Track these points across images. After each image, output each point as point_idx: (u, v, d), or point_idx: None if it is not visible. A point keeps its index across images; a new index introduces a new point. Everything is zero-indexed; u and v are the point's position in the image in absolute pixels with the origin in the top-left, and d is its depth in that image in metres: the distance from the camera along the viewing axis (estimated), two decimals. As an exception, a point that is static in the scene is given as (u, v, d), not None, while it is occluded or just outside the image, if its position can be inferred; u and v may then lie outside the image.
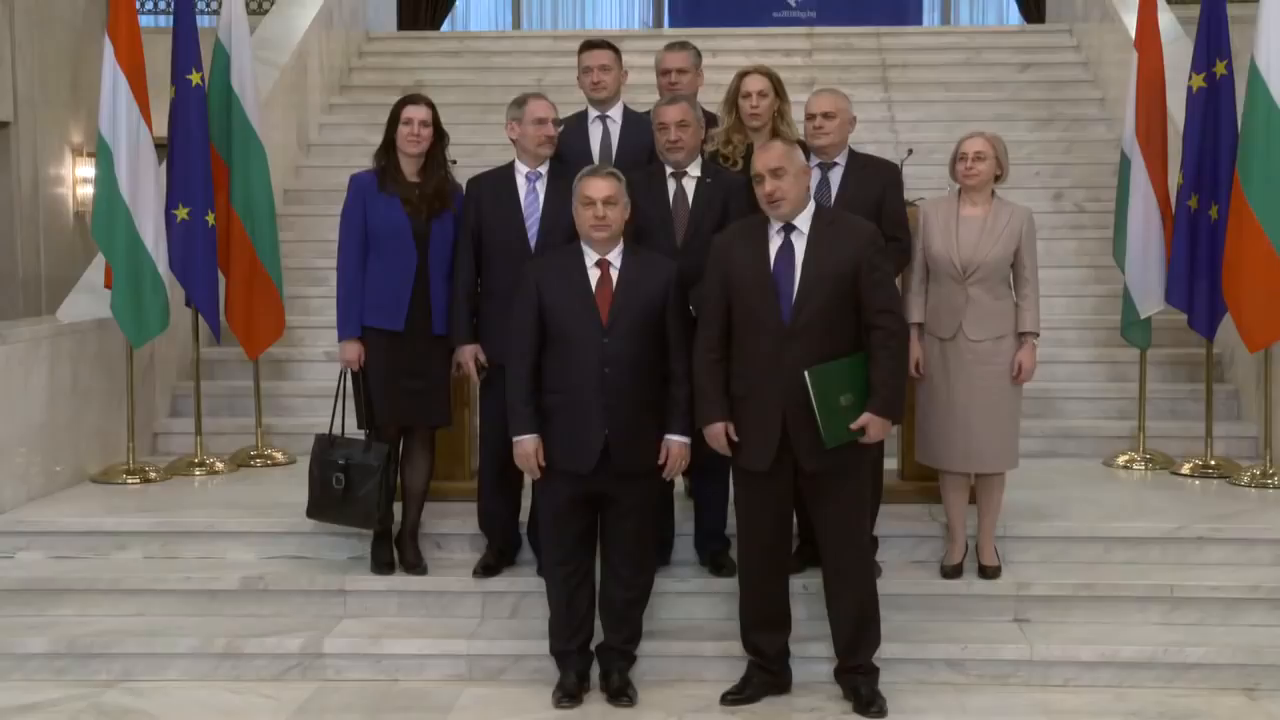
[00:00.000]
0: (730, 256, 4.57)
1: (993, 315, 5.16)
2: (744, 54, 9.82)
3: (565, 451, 4.61)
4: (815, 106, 5.20)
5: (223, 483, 6.58)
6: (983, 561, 5.34)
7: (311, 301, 7.94)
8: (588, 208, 4.60)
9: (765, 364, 4.46)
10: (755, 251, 4.54)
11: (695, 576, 5.36)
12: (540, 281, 4.63)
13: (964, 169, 5.22)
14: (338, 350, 5.32)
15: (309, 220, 8.77)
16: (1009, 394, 5.21)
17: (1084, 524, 5.62)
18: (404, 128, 5.22)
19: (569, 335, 4.58)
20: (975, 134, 5.26)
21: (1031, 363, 5.19)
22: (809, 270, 4.47)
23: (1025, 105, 10.12)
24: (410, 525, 5.44)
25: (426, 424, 5.35)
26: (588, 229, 4.62)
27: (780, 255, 4.52)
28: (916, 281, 5.27)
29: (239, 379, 7.35)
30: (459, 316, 5.21)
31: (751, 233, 4.60)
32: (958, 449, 5.20)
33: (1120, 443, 6.97)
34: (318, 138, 9.93)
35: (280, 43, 9.45)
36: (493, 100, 9.26)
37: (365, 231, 5.21)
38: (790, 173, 4.51)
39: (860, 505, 4.67)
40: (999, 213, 5.22)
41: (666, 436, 4.66)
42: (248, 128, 6.87)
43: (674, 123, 5.10)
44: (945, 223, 5.22)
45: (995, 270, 5.15)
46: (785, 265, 4.50)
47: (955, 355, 5.16)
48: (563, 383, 4.58)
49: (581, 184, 4.65)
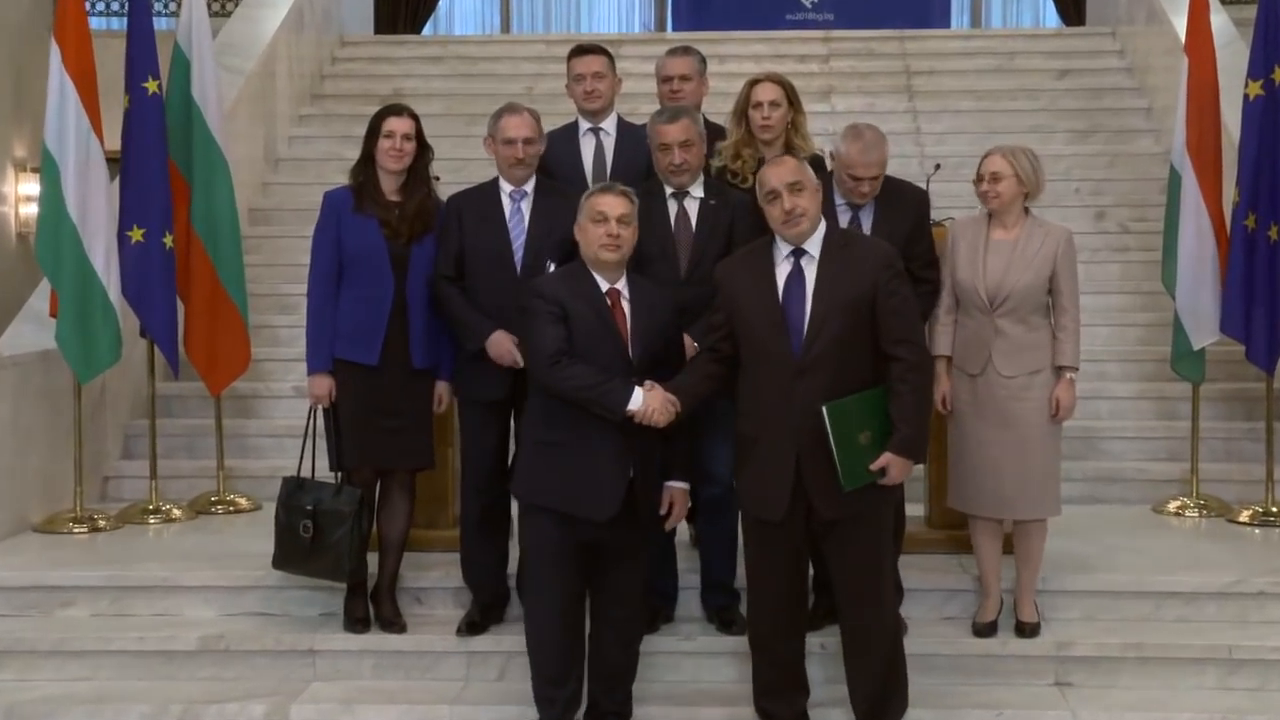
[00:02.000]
0: (734, 288, 4.58)
1: (1025, 348, 5.16)
2: (754, 60, 9.87)
3: (580, 496, 4.55)
4: (861, 166, 5.05)
5: (180, 532, 6.57)
6: (1020, 618, 5.32)
7: (280, 331, 7.94)
8: (599, 224, 4.58)
9: (776, 402, 4.47)
10: (761, 280, 4.55)
11: (701, 634, 5.34)
12: (565, 302, 4.55)
13: (982, 191, 5.23)
14: (307, 385, 5.32)
15: (277, 242, 8.79)
16: (1046, 434, 5.20)
17: (1131, 577, 5.61)
18: (385, 141, 5.23)
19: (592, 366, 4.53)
20: (993, 151, 5.25)
21: (1070, 399, 5.19)
22: (821, 299, 4.48)
23: (1063, 116, 10.16)
24: (387, 578, 5.43)
25: (405, 466, 5.35)
26: (597, 249, 4.58)
27: (789, 284, 4.53)
28: (944, 311, 5.28)
29: (199, 417, 7.35)
30: (468, 317, 5.16)
31: (756, 260, 4.61)
32: (989, 493, 5.20)
33: (1170, 487, 6.96)
34: (287, 151, 9.97)
35: (246, 47, 9.50)
36: (478, 111, 9.25)
37: (339, 255, 5.22)
38: (808, 188, 4.53)
39: (881, 554, 4.66)
40: (1032, 235, 5.22)
41: (667, 484, 4.69)
42: (210, 141, 6.89)
43: (677, 143, 5.09)
44: (973, 247, 5.22)
45: (1026, 299, 5.15)
46: (795, 294, 4.51)
47: (986, 391, 5.16)
48: (578, 422, 4.52)
49: (594, 199, 4.64)
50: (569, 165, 5.49)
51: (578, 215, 4.67)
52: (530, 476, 4.66)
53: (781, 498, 4.50)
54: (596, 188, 4.75)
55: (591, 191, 4.71)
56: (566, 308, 4.54)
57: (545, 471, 4.60)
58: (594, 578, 4.72)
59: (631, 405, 4.45)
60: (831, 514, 4.50)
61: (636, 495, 4.57)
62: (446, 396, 5.39)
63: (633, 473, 4.55)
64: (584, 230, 4.63)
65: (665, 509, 4.70)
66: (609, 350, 4.54)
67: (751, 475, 4.57)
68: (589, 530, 4.57)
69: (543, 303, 4.56)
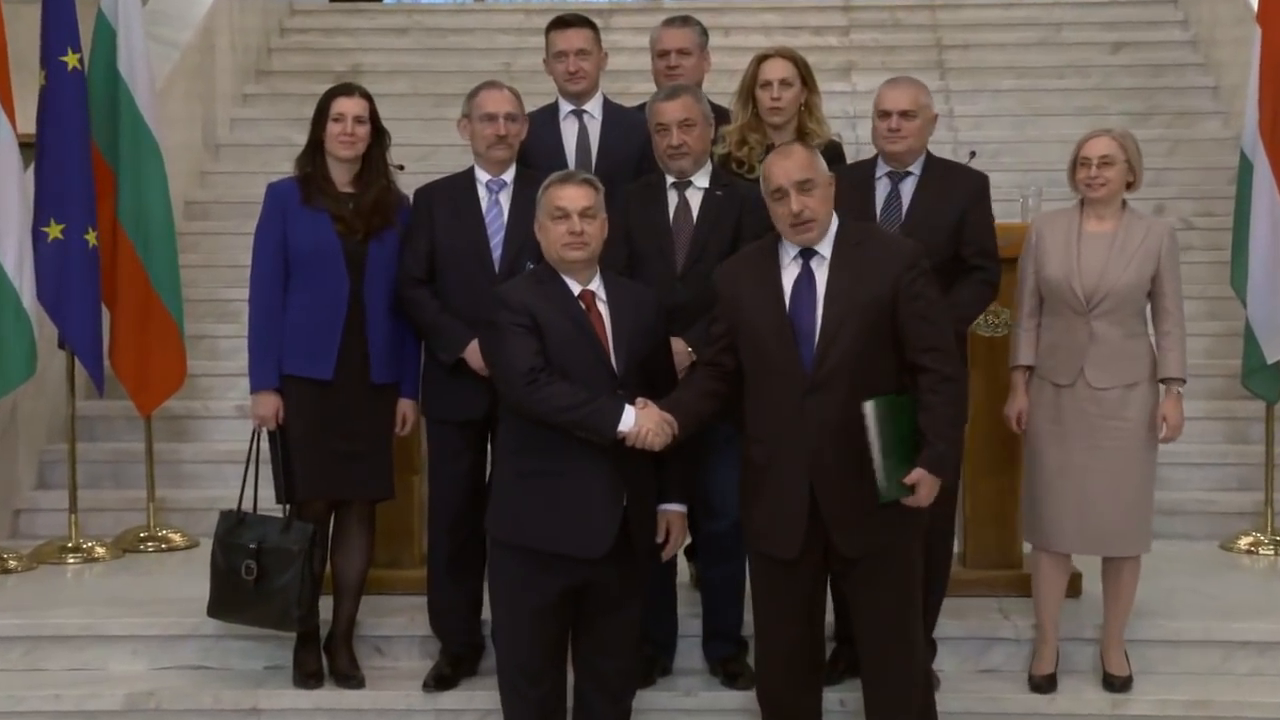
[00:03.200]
0: (736, 292, 4.59)
1: (1123, 357, 5.16)
2: (763, 32, 9.91)
3: (566, 531, 4.50)
4: (891, 102, 5.16)
5: (103, 573, 6.56)
6: (1109, 670, 5.34)
7: (220, 342, 7.95)
8: (559, 221, 4.57)
9: (785, 422, 4.47)
10: (766, 284, 4.55)
11: (703, 689, 5.34)
12: (535, 311, 4.52)
13: (1087, 177, 5.20)
14: (250, 405, 5.31)
15: (217, 240, 8.80)
16: (1143, 456, 5.20)
17: (1196, 624, 5.62)
18: (334, 125, 5.23)
19: (575, 381, 4.49)
20: (1100, 133, 5.24)
21: (1180, 416, 5.20)
22: (834, 304, 4.47)
23: (1118, 95, 10.18)
24: (343, 625, 5.42)
25: (363, 497, 5.35)
26: (559, 249, 4.58)
27: (798, 288, 4.52)
28: (1025, 315, 5.29)
29: (126, 440, 7.35)
30: (444, 323, 5.17)
31: (760, 261, 4.61)
32: (1072, 526, 5.18)
33: (1241, 520, 6.96)
34: (228, 136, 9.98)
35: (181, 16, 9.51)
36: (449, 90, 9.30)
37: (286, 254, 5.22)
38: (819, 185, 4.51)
39: (910, 597, 4.64)
40: (1132, 229, 5.22)
41: (662, 507, 4.67)
42: (140, 123, 6.89)
43: (676, 122, 5.09)
44: (1065, 241, 5.21)
45: (1127, 300, 5.17)
46: (805, 300, 4.50)
47: (1073, 406, 5.15)
48: (561, 446, 4.50)
49: (551, 192, 4.62)
50: (550, 152, 5.48)
51: (536, 211, 4.65)
52: (506, 512, 4.63)
53: (795, 532, 4.49)
54: (554, 178, 4.69)
55: (548, 183, 4.66)
56: (537, 317, 4.51)
57: (524, 505, 4.57)
58: (580, 624, 4.69)
59: (623, 426, 4.43)
60: (853, 551, 4.49)
61: (631, 526, 4.55)
62: (411, 416, 5.39)
63: (626, 500, 4.53)
64: (544, 229, 4.60)
65: (661, 536, 4.68)
66: (588, 361, 4.52)
67: (760, 507, 4.56)
68: (577, 571, 4.54)
69: (509, 313, 4.53)
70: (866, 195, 5.18)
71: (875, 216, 5.13)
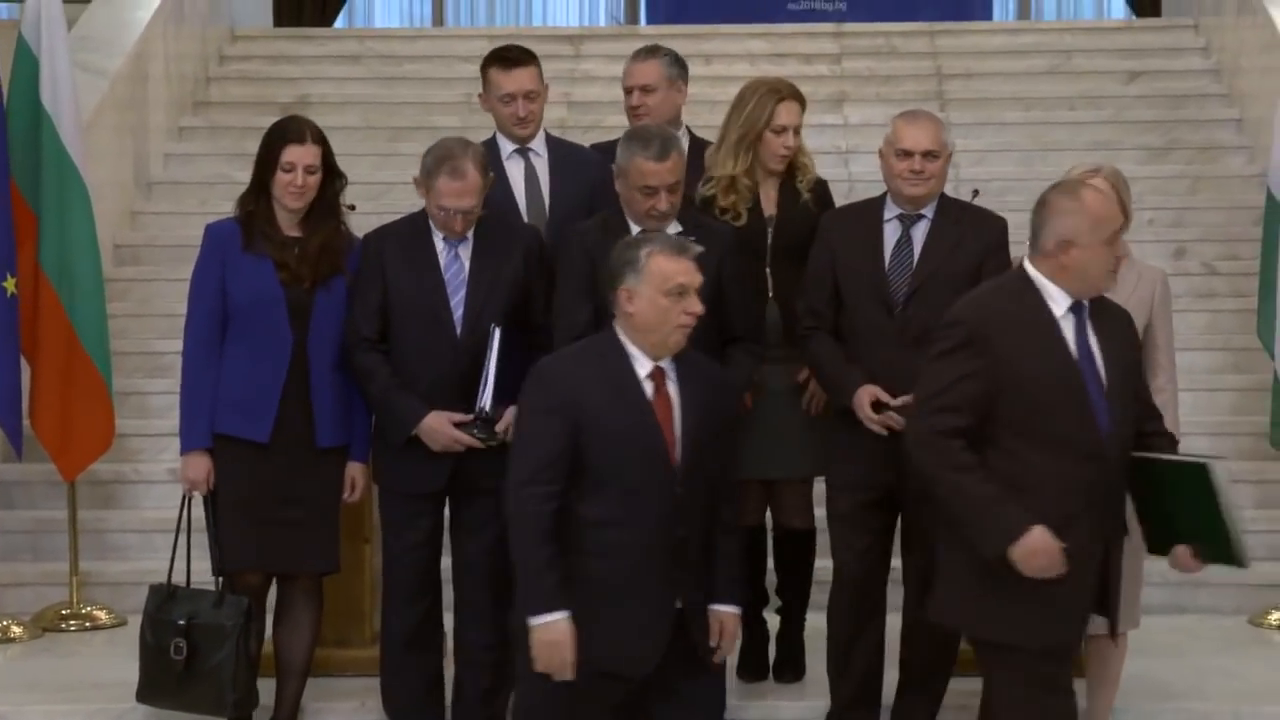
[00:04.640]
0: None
1: None
2: (748, 60, 9.95)
3: (609, 646, 4.28)
4: (913, 141, 5.10)
5: (21, 654, 6.53)
6: (1110, 760, 5.34)
7: (151, 399, 7.93)
8: (676, 299, 4.26)
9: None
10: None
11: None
12: (579, 393, 4.24)
13: None
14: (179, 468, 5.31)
15: (149, 286, 8.79)
16: (1134, 527, 5.20)
17: (1224, 705, 5.64)
18: (283, 175, 5.20)
19: (627, 479, 4.27)
20: (1089, 171, 5.26)
21: None
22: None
23: (1134, 129, 10.23)
24: (287, 710, 5.40)
25: (304, 570, 5.33)
26: (674, 329, 4.27)
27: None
28: None
29: (47, 508, 7.32)
30: (393, 402, 5.14)
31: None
32: None
33: (1272, 593, 6.96)
34: (162, 173, 9.97)
35: (111, 42, 9.49)
36: (405, 123, 9.31)
37: (223, 304, 5.22)
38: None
39: None
40: (1124, 274, 5.23)
41: (713, 608, 4.45)
42: (64, 160, 6.89)
43: (666, 186, 5.00)
44: None
45: None
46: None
47: None
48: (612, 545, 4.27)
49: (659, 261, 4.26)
50: (498, 194, 5.43)
51: (626, 277, 4.30)
52: None
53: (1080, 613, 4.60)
54: (659, 246, 4.33)
55: (652, 250, 4.30)
56: (582, 400, 4.23)
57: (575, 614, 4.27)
58: None
59: (539, 619, 4.18)
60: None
61: (688, 633, 4.36)
62: (361, 481, 5.37)
63: (680, 604, 4.35)
64: (653, 303, 4.26)
65: (715, 640, 4.46)
66: (647, 452, 4.27)
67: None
68: (617, 691, 4.37)
69: (544, 397, 4.31)
70: (874, 238, 5.18)
71: (883, 263, 5.14)
